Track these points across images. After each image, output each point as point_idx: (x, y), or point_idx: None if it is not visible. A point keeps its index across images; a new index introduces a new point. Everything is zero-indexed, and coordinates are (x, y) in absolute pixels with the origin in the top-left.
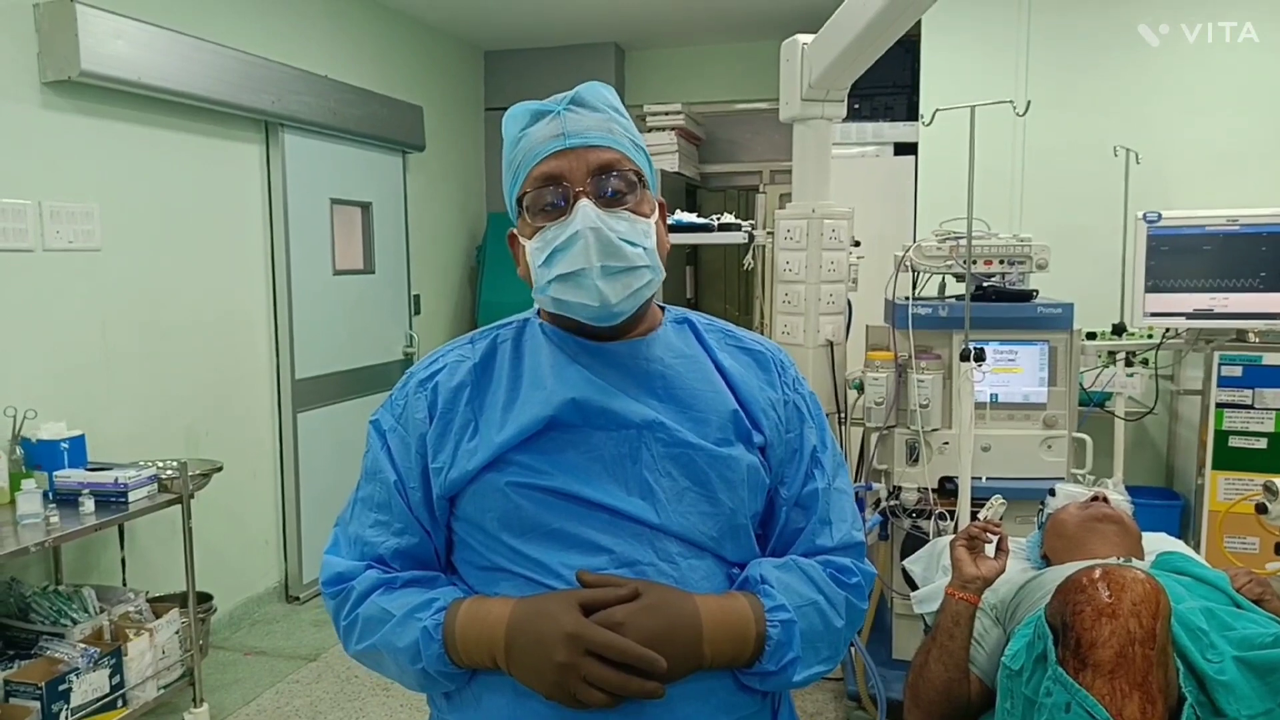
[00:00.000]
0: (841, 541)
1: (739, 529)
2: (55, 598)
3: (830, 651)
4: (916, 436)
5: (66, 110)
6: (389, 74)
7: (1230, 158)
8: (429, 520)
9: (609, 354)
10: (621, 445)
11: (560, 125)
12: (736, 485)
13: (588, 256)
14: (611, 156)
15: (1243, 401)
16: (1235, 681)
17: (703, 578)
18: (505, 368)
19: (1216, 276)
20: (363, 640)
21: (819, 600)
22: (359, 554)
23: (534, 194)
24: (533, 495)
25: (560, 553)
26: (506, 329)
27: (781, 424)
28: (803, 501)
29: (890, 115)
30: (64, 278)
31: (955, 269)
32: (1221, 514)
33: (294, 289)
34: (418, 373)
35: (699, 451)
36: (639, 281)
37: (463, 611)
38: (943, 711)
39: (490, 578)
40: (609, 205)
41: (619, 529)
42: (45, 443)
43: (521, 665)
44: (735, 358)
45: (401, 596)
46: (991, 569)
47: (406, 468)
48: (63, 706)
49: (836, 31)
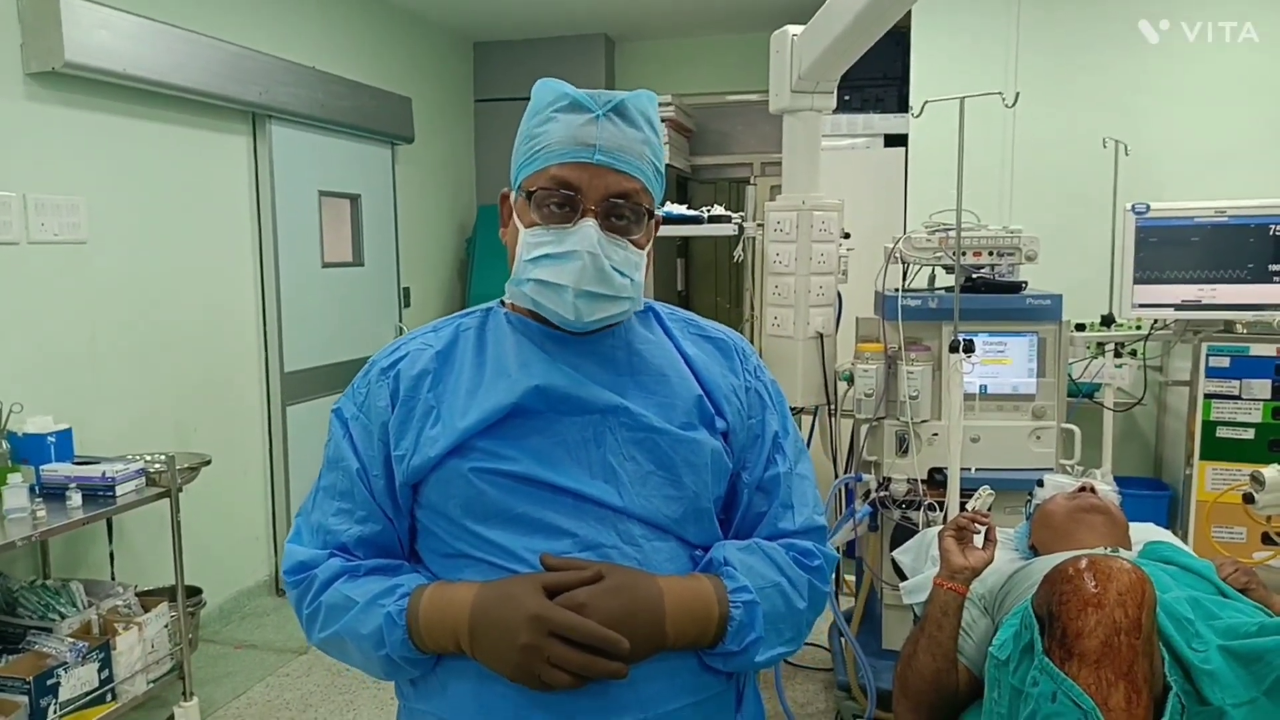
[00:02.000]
0: (803, 525)
1: (702, 512)
2: (43, 592)
3: (793, 633)
4: (906, 428)
5: (51, 102)
6: (377, 65)
7: (1219, 150)
8: (392, 508)
9: (575, 342)
10: (585, 430)
11: (595, 134)
12: (700, 469)
13: (578, 277)
14: (630, 186)
15: (1230, 392)
16: (1220, 670)
17: (666, 559)
18: (469, 355)
19: (1204, 268)
20: (326, 628)
21: (781, 582)
22: (321, 542)
23: (544, 193)
24: (496, 480)
25: (524, 537)
26: (470, 317)
27: (744, 410)
28: (765, 486)
29: (880, 107)
30: (50, 270)
31: (945, 261)
32: (1209, 504)
33: (282, 282)
34: (379, 361)
35: (663, 435)
36: (617, 309)
37: (426, 597)
38: (931, 701)
39: (454, 564)
40: (612, 230)
41: (583, 513)
42: (32, 436)
43: (485, 649)
44: (698, 345)
45: (365, 584)
46: (979, 559)
47: (369, 455)
48: (51, 701)
49: (826, 22)
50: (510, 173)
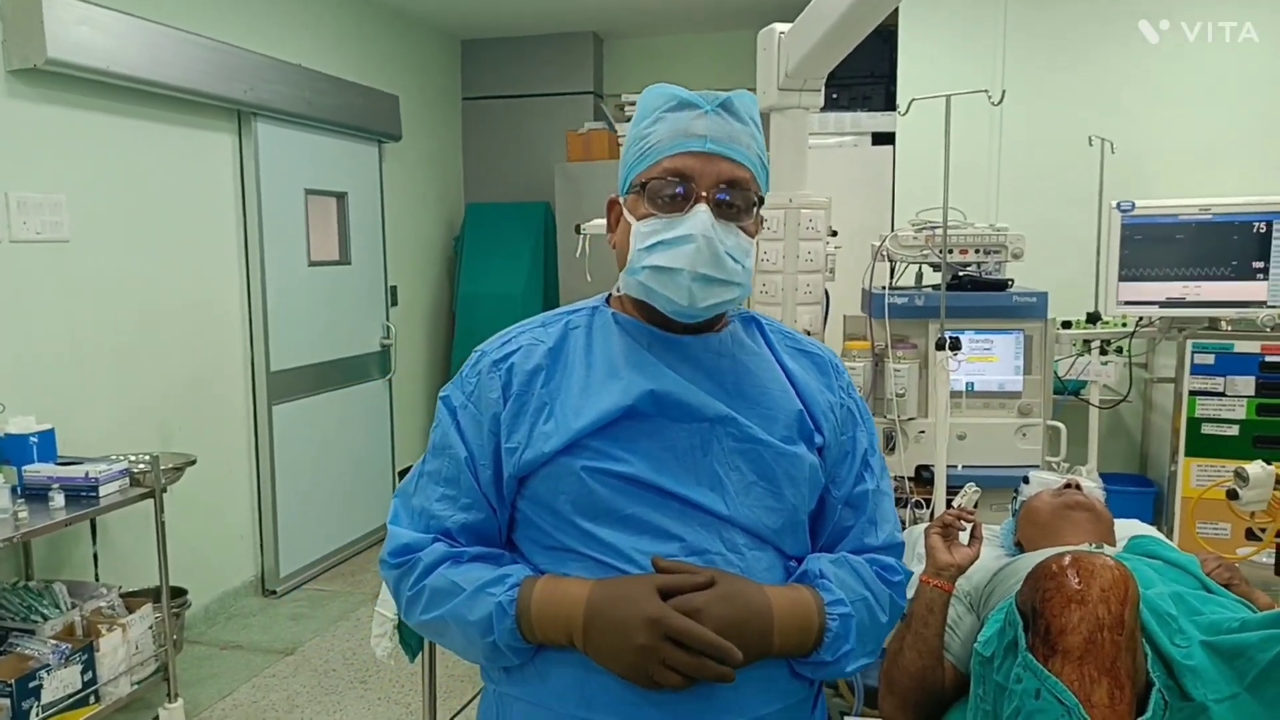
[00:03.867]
0: (886, 541)
1: (799, 524)
2: (25, 594)
3: (875, 645)
4: (893, 425)
5: (33, 99)
6: (364, 63)
7: (1204, 148)
8: (496, 498)
9: (682, 347)
10: (694, 437)
11: (706, 126)
12: (799, 482)
13: (693, 260)
14: (742, 175)
15: (1215, 389)
16: (1202, 666)
17: (765, 569)
18: (579, 354)
19: (1189, 265)
20: (429, 611)
21: (868, 596)
22: (424, 526)
23: (658, 183)
24: (607, 480)
25: (632, 538)
26: (578, 315)
27: (837, 426)
28: (853, 501)
29: (868, 105)
30: (32, 269)
31: (931, 258)
32: (1194, 500)
33: (268, 280)
34: (490, 352)
35: (767, 448)
36: (729, 294)
37: (539, 589)
38: (917, 699)
39: (559, 558)
40: (724, 217)
41: (689, 518)
42: (13, 437)
43: (600, 645)
44: (797, 360)
45: (470, 570)
46: (965, 556)
47: (478, 445)
48: (33, 703)
49: (813, 20)
50: (619, 179)
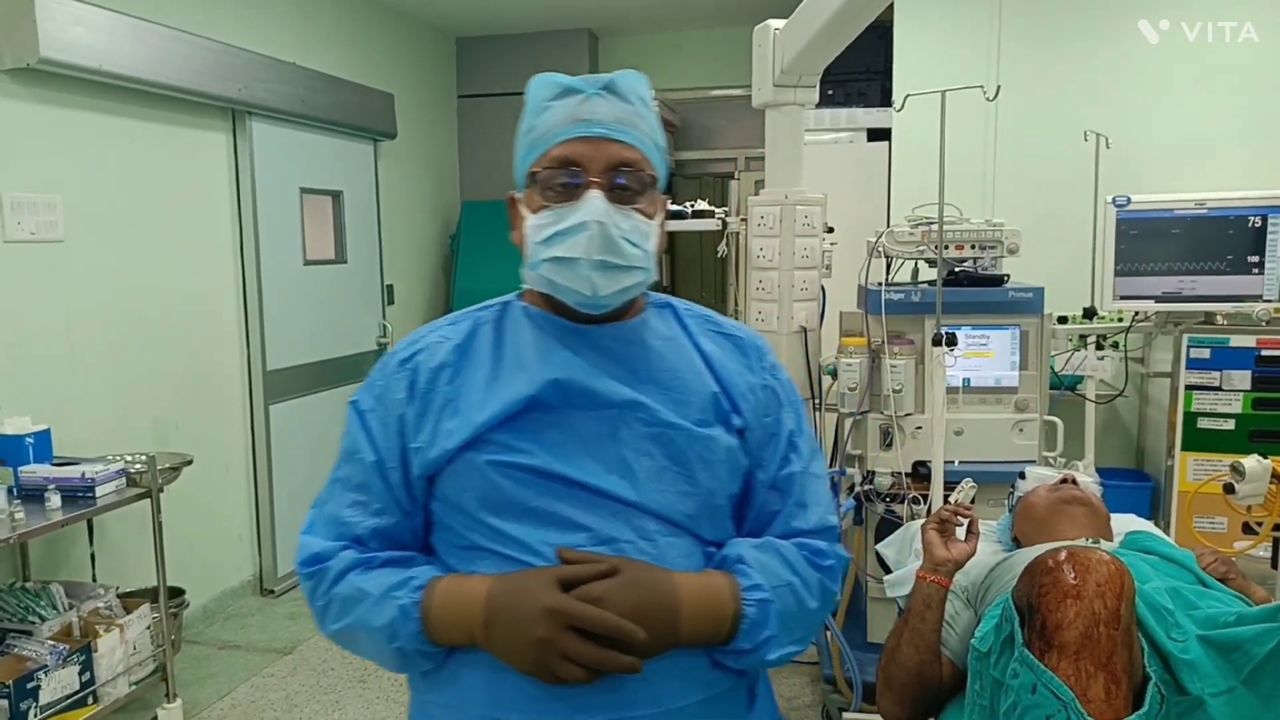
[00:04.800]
0: (817, 525)
1: (716, 509)
2: (22, 595)
3: (803, 632)
4: (890, 421)
5: (26, 99)
6: (359, 61)
7: (1199, 143)
8: (407, 500)
9: (593, 336)
10: (602, 424)
11: (589, 109)
12: (715, 465)
13: (588, 248)
14: (631, 155)
15: (1211, 383)
16: (1199, 660)
17: (680, 555)
18: (486, 348)
19: (1185, 260)
20: (339, 620)
21: (794, 581)
22: (336, 534)
23: (548, 172)
24: (512, 473)
25: (539, 530)
26: (488, 311)
27: (760, 408)
28: (779, 484)
29: (863, 101)
30: (26, 270)
31: (927, 254)
32: (1191, 494)
33: (264, 280)
34: (398, 353)
35: (679, 431)
36: (631, 280)
37: (440, 589)
38: (915, 694)
39: (469, 556)
40: (619, 201)
41: (598, 507)
42: (9, 437)
43: (500, 641)
44: (716, 342)
45: (379, 576)
46: (962, 552)
47: (386, 448)
48: (31, 704)
49: (808, 17)
50: (514, 176)
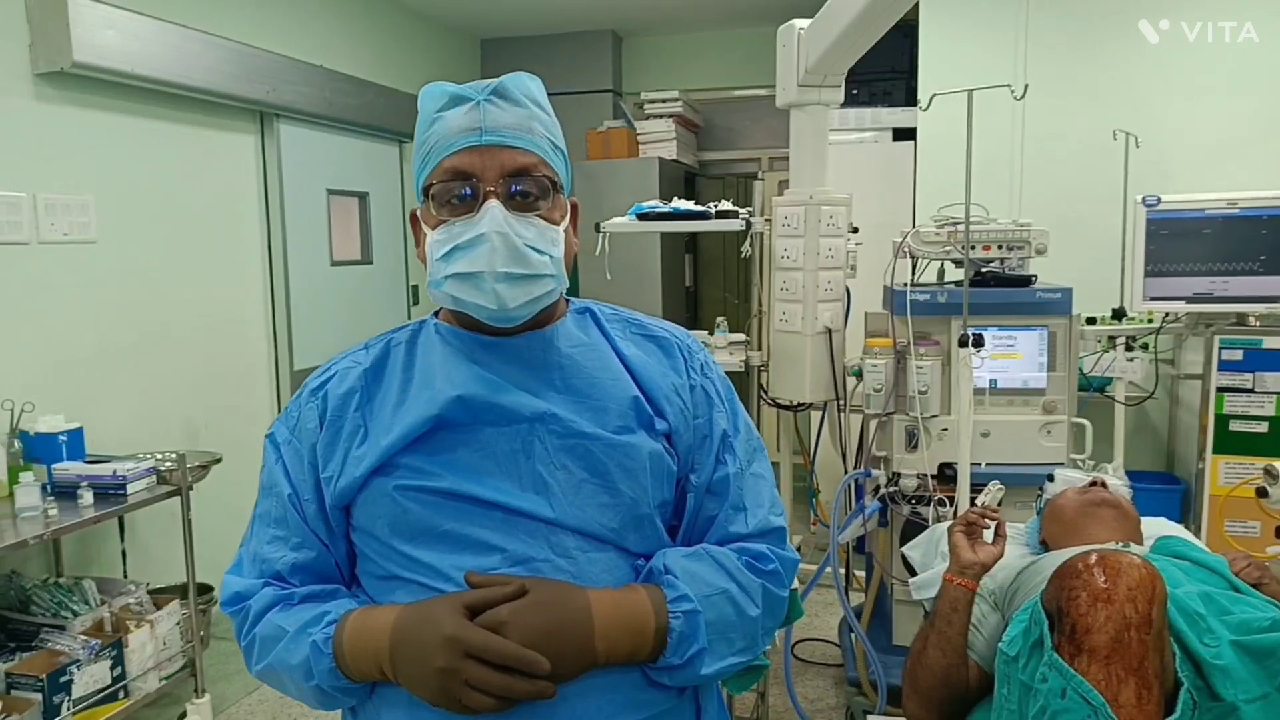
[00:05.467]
0: (757, 528)
1: (642, 519)
2: (56, 590)
3: (745, 641)
4: (915, 423)
5: (59, 102)
6: (385, 63)
7: (1230, 141)
8: (325, 532)
9: (504, 348)
10: (514, 440)
11: (478, 118)
12: (637, 474)
13: (490, 260)
14: (527, 160)
15: (1243, 385)
16: (1232, 666)
17: (603, 571)
18: (397, 371)
19: (1216, 260)
20: (260, 660)
21: (730, 589)
22: (258, 572)
23: (442, 186)
24: (421, 498)
25: (451, 555)
26: (402, 332)
27: (688, 409)
28: (714, 488)
29: (889, 100)
30: (59, 270)
31: (954, 255)
32: (1222, 498)
33: (291, 280)
34: (311, 382)
35: (595, 441)
36: (540, 289)
37: (350, 623)
38: (941, 697)
39: (387, 586)
40: (519, 209)
41: (512, 526)
42: (43, 435)
43: (405, 673)
44: (639, 345)
45: (296, 613)
46: (989, 554)
47: (300, 479)
48: (64, 698)
49: (833, 16)
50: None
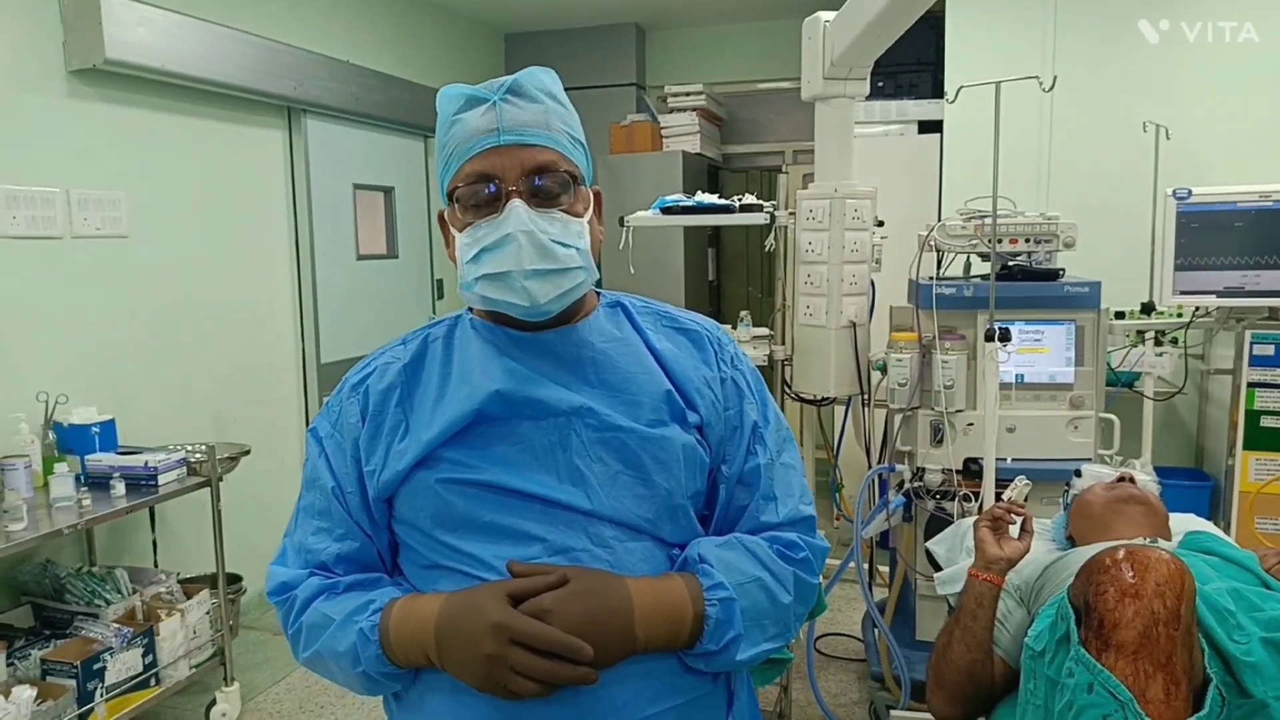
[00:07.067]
0: (788, 517)
1: (677, 510)
2: (89, 579)
3: (778, 629)
4: (941, 417)
5: (92, 99)
6: (410, 58)
7: (1263, 134)
8: (369, 524)
9: (538, 343)
10: (551, 434)
11: (495, 118)
12: (671, 466)
13: (518, 259)
14: (547, 157)
15: (1275, 381)
16: (1262, 662)
17: (640, 560)
18: (436, 366)
19: (1247, 254)
20: (308, 648)
21: (763, 577)
22: (303, 562)
23: (465, 189)
24: (463, 490)
25: (493, 545)
26: (438, 327)
27: (720, 402)
28: (745, 478)
29: (914, 93)
30: (92, 265)
31: (980, 248)
32: (1253, 495)
33: (318, 274)
34: (351, 378)
35: (629, 434)
36: (570, 282)
37: (395, 611)
38: (966, 693)
39: (431, 575)
40: (542, 205)
41: (552, 518)
42: (76, 427)
43: (452, 660)
44: (670, 339)
45: (342, 601)
46: (1015, 550)
47: (343, 473)
48: (97, 685)
49: (858, 8)
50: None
